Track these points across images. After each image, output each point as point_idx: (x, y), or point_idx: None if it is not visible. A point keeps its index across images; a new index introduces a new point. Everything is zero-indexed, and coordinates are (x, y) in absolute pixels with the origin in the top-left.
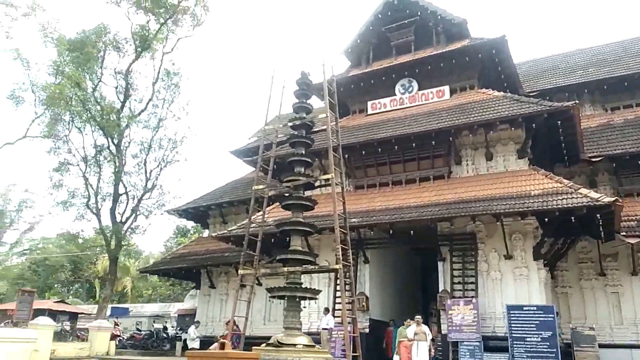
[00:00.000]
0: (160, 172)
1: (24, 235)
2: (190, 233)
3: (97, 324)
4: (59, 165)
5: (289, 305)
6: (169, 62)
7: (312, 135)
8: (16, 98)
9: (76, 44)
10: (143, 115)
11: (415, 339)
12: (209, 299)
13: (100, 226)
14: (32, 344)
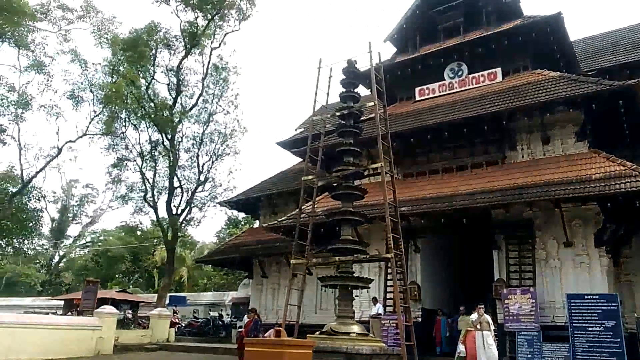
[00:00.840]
0: (212, 165)
1: (86, 229)
2: (241, 224)
3: (157, 312)
4: (117, 161)
5: (341, 294)
6: (217, 57)
7: (360, 124)
8: (75, 98)
9: (129, 43)
10: (194, 111)
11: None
12: (261, 288)
13: (157, 218)
14: (97, 331)
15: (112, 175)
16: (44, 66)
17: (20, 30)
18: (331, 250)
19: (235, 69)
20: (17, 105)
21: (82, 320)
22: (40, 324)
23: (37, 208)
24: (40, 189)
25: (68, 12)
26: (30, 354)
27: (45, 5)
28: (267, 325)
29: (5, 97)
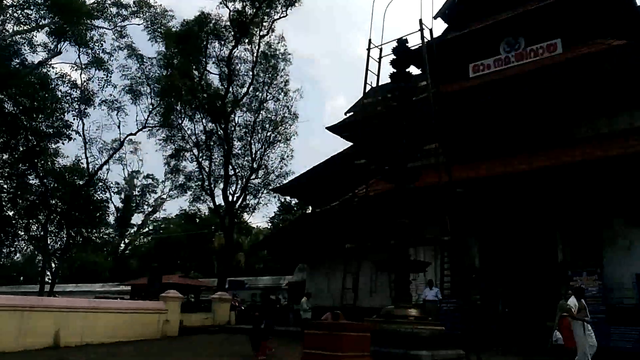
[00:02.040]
0: (264, 152)
1: (148, 217)
2: (294, 209)
3: (218, 296)
4: (175, 152)
5: (397, 278)
6: (266, 45)
7: (413, 105)
8: (134, 92)
9: (182, 36)
10: (245, 99)
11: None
12: (316, 272)
13: (215, 206)
14: (163, 314)
15: (170, 165)
16: (103, 62)
17: (79, 29)
18: (385, 233)
19: (284, 55)
20: (80, 102)
21: (149, 304)
22: (110, 309)
23: (102, 199)
24: (105, 181)
25: (122, 9)
26: (102, 337)
27: (100, 3)
28: (322, 308)
29: (69, 94)
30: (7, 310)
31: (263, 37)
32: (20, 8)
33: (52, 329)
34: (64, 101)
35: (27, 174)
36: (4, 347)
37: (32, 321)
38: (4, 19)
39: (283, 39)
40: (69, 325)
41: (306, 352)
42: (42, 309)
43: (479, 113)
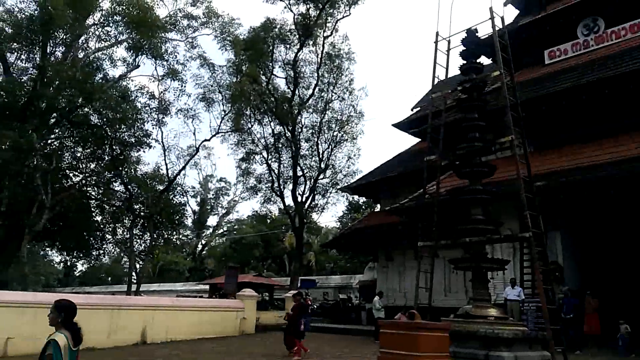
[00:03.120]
0: (331, 152)
1: (222, 219)
2: (362, 208)
3: (291, 295)
4: (246, 155)
5: (474, 277)
6: (330, 45)
7: (485, 96)
8: (207, 100)
9: (249, 43)
10: (311, 101)
11: None
12: (387, 270)
13: (285, 206)
14: (240, 312)
15: (241, 168)
16: (177, 73)
17: (155, 43)
18: (460, 231)
19: (348, 55)
20: (158, 111)
21: (227, 302)
22: (192, 307)
23: (181, 202)
24: (183, 185)
25: (193, 20)
26: (185, 334)
27: (172, 17)
28: (395, 307)
29: (148, 105)
30: (99, 309)
31: (327, 38)
32: (101, 26)
33: (139, 326)
34: (144, 112)
35: (113, 182)
36: (96, 343)
37: (121, 319)
38: (87, 37)
39: (347, 38)
40: (154, 322)
41: (383, 352)
42: (130, 307)
43: (557, 101)
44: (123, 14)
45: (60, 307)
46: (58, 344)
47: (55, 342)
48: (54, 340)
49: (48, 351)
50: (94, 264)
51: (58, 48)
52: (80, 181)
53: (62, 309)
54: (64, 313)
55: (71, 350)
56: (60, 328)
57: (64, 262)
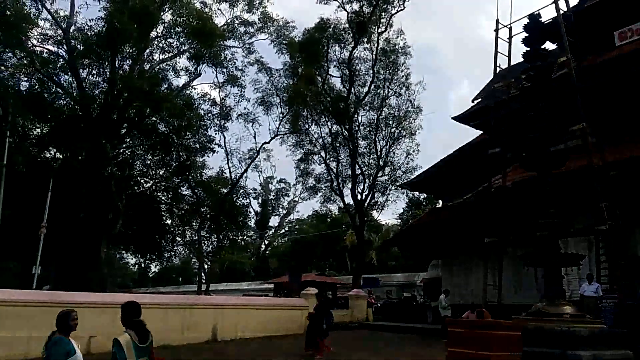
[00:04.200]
0: (390, 149)
1: (284, 219)
2: (423, 204)
3: (354, 293)
4: (304, 156)
5: (547, 273)
6: (385, 41)
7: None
8: (265, 103)
9: (304, 45)
10: (367, 98)
11: None
12: (452, 268)
13: (344, 205)
14: (305, 310)
15: (300, 169)
16: (236, 79)
17: (215, 51)
18: (529, 225)
19: (403, 49)
20: (220, 117)
21: (292, 301)
22: (259, 305)
23: (244, 204)
24: (245, 188)
25: (249, 27)
26: (252, 331)
27: (230, 24)
28: (462, 305)
29: (210, 111)
30: (173, 308)
31: (381, 34)
32: (163, 38)
33: (210, 324)
34: (207, 118)
35: (181, 186)
36: (171, 340)
37: (193, 317)
38: (152, 49)
39: (402, 33)
40: (224, 320)
41: (451, 351)
42: (202, 306)
43: (631, 84)
44: (184, 25)
45: (121, 307)
46: (120, 342)
47: (117, 340)
48: (116, 339)
49: (113, 349)
50: (166, 265)
51: (125, 61)
52: (150, 187)
53: (122, 309)
54: (123, 313)
55: (138, 346)
56: (126, 327)
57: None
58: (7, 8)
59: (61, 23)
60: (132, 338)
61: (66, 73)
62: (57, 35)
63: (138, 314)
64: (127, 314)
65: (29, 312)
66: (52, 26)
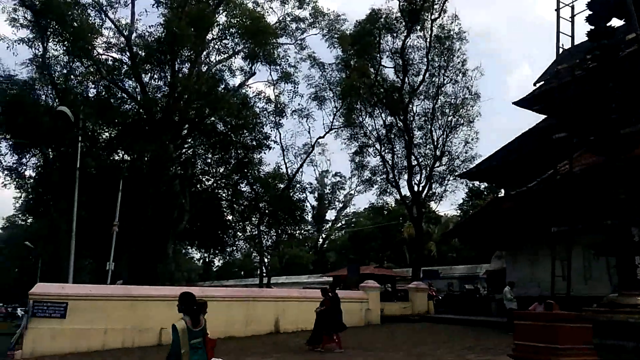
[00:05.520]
0: (447, 138)
1: (340, 213)
2: (484, 194)
3: (414, 286)
4: (359, 149)
5: (620, 262)
6: (439, 28)
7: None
8: (319, 98)
9: (356, 37)
10: (422, 87)
11: None
12: (517, 259)
13: (401, 197)
14: (364, 303)
15: (355, 162)
16: (290, 76)
17: (268, 49)
18: (599, 213)
19: (458, 35)
20: (275, 114)
21: (352, 293)
22: (318, 298)
23: (301, 199)
24: (301, 182)
25: (300, 23)
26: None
27: (282, 22)
28: (528, 298)
29: (265, 109)
30: (237, 301)
31: (435, 21)
32: (219, 40)
33: (272, 316)
34: (262, 116)
35: (240, 183)
36: (235, 332)
37: (256, 310)
38: (208, 51)
39: (456, 18)
40: (285, 313)
41: (518, 344)
42: (264, 299)
43: None
44: (238, 26)
45: (179, 297)
46: (176, 327)
47: (174, 326)
48: (173, 325)
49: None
50: (228, 259)
51: (184, 65)
52: (211, 184)
53: (180, 299)
54: (180, 302)
55: (191, 331)
56: (183, 314)
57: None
58: (74, 20)
59: (123, 31)
60: (187, 323)
61: (130, 79)
62: (120, 43)
63: (193, 302)
64: (183, 303)
65: (105, 305)
66: (115, 34)
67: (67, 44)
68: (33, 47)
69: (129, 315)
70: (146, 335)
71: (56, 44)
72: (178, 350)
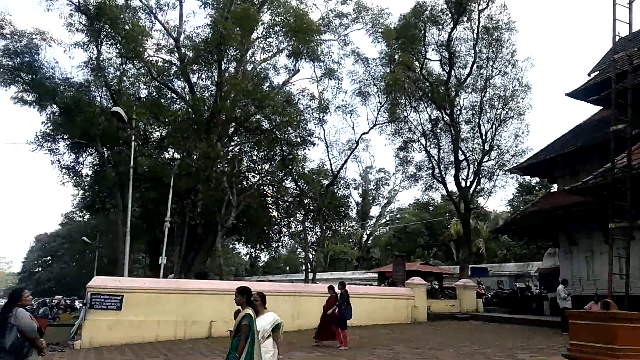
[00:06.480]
0: (496, 132)
1: (384, 209)
2: (535, 189)
3: (462, 283)
4: (403, 144)
5: None
6: (486, 18)
7: None
8: (363, 94)
9: (400, 31)
10: (469, 80)
11: None
12: (570, 256)
13: (448, 193)
14: (411, 300)
15: (400, 157)
16: (333, 72)
17: (312, 46)
18: None
19: (508, 25)
20: (319, 111)
21: (398, 290)
22: (365, 294)
23: (345, 195)
24: (345, 179)
25: (344, 18)
26: (358, 320)
27: (325, 18)
28: (583, 297)
29: (309, 106)
30: (284, 296)
31: (483, 11)
32: (263, 38)
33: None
34: (306, 112)
35: (285, 179)
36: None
37: (302, 305)
38: (253, 50)
39: (505, 7)
40: None
41: (573, 344)
42: (310, 294)
43: None
44: (282, 24)
45: (243, 291)
46: (251, 315)
47: (249, 315)
48: (248, 314)
49: (244, 322)
50: (274, 255)
51: (230, 64)
52: (257, 181)
53: (245, 292)
54: (246, 295)
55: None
56: (246, 306)
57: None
58: (125, 23)
59: (172, 33)
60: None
61: (179, 79)
62: (169, 45)
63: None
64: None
65: (158, 298)
66: (164, 36)
67: (119, 46)
68: (88, 51)
69: (181, 308)
70: (197, 327)
71: (109, 47)
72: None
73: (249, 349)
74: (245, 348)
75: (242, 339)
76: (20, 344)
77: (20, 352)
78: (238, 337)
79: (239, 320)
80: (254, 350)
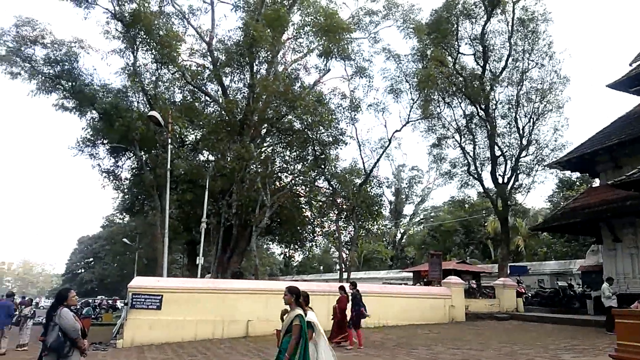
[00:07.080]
0: (533, 126)
1: (418, 207)
2: (576, 185)
3: (502, 282)
4: (437, 141)
5: None
6: (521, 9)
7: None
8: (394, 91)
9: (432, 26)
10: (504, 74)
11: None
12: (615, 253)
13: (484, 189)
14: (448, 300)
15: (433, 155)
16: (364, 70)
17: (342, 45)
18: None
19: (544, 16)
20: (350, 109)
21: (434, 289)
22: (401, 294)
23: (378, 194)
24: (378, 177)
25: (374, 16)
26: (394, 319)
27: (355, 16)
28: (629, 295)
29: (340, 105)
30: (319, 295)
31: (517, 3)
32: (294, 39)
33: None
34: (338, 112)
35: (317, 179)
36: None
37: None
38: (284, 51)
39: None
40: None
41: (620, 344)
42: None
43: None
44: (312, 24)
45: (293, 291)
46: (303, 316)
47: (301, 315)
48: (300, 314)
49: (295, 322)
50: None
51: (262, 66)
52: (290, 181)
53: (295, 292)
54: (295, 295)
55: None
56: (295, 306)
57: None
58: (160, 29)
59: (204, 37)
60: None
61: (212, 82)
62: (202, 49)
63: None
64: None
65: (196, 298)
66: (197, 41)
67: (154, 52)
68: (124, 57)
69: (218, 307)
70: (234, 326)
71: (145, 53)
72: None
73: (300, 350)
74: (298, 348)
75: (293, 338)
76: (62, 343)
77: (61, 351)
78: (288, 337)
79: (290, 320)
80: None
